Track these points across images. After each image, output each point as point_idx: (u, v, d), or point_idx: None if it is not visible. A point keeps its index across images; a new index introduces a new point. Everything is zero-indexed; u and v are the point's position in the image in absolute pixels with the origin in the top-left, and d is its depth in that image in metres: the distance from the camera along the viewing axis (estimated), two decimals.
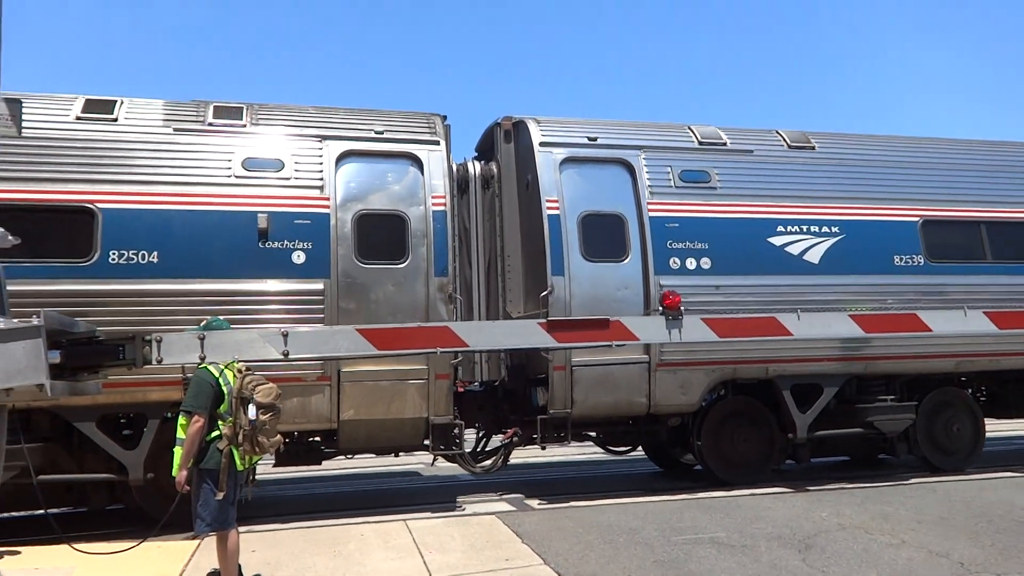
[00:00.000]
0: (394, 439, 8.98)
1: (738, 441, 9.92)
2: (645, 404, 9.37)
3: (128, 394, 7.75)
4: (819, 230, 10.05)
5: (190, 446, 5.39)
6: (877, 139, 11.36)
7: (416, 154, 9.17)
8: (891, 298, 9.93)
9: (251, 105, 9.14)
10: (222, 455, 5.45)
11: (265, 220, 8.37)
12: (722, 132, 10.53)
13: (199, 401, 5.44)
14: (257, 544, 7.10)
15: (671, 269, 9.46)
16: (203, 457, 5.48)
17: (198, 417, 5.41)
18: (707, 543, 6.81)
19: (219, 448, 5.46)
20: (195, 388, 5.49)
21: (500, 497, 9.60)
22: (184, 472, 5.41)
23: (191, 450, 5.41)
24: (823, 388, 9.84)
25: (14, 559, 6.56)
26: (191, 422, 5.40)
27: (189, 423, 5.41)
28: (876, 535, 6.97)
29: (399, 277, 8.79)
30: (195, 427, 5.40)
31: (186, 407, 5.44)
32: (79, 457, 8.10)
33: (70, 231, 7.95)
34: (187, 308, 7.83)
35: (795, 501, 8.61)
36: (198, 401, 5.44)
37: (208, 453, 5.48)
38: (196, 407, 5.42)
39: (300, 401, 8.30)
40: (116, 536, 7.25)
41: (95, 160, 8.18)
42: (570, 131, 9.97)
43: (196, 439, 5.41)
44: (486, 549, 6.82)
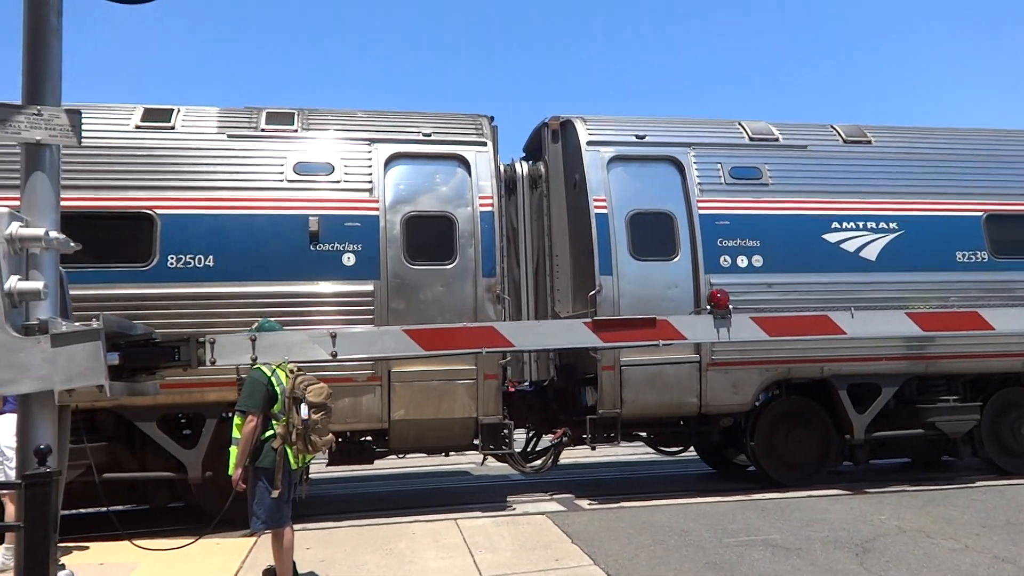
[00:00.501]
0: (444, 439, 9.04)
1: (793, 442, 9.72)
2: (696, 404, 9.25)
3: (186, 394, 7.97)
4: (876, 226, 9.78)
5: (245, 445, 5.52)
6: (937, 132, 11.00)
7: (464, 155, 9.22)
8: (954, 295, 9.62)
9: (302, 110, 9.32)
10: (276, 454, 5.55)
11: (316, 223, 8.52)
12: (774, 128, 10.33)
13: (253, 401, 5.55)
14: (312, 542, 7.24)
15: (721, 267, 9.33)
16: (258, 456, 5.60)
17: (252, 417, 5.53)
18: (760, 545, 6.69)
19: (273, 447, 5.56)
20: (249, 388, 5.60)
21: (550, 497, 9.58)
22: (239, 470, 5.54)
23: (246, 449, 5.53)
24: (881, 388, 9.57)
25: (80, 555, 6.81)
26: (245, 421, 5.53)
27: (244, 423, 5.55)
28: (938, 539, 6.76)
29: (447, 278, 8.85)
30: (249, 426, 5.52)
31: (240, 407, 5.57)
32: (141, 456, 8.37)
33: (130, 237, 8.22)
34: (242, 310, 8.00)
35: (853, 503, 8.40)
36: (252, 401, 5.55)
37: (263, 452, 5.60)
38: (250, 407, 5.54)
39: (351, 401, 8.42)
40: (177, 533, 7.44)
41: (154, 168, 8.44)
42: (618, 129, 9.90)
43: (251, 438, 5.53)
44: (536, 549, 6.81)
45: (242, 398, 5.59)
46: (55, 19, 3.77)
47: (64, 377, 3.71)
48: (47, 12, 3.73)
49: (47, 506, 3.40)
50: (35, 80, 3.76)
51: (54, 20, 3.76)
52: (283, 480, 5.58)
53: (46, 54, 3.76)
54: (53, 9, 3.75)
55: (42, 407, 3.77)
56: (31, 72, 3.76)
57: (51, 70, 3.79)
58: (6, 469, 6.62)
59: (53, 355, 3.70)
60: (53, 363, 3.69)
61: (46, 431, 3.77)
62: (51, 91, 3.80)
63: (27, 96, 3.78)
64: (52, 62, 3.79)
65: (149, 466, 8.34)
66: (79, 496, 7.73)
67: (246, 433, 5.51)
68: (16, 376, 3.63)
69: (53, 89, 3.81)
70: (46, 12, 3.73)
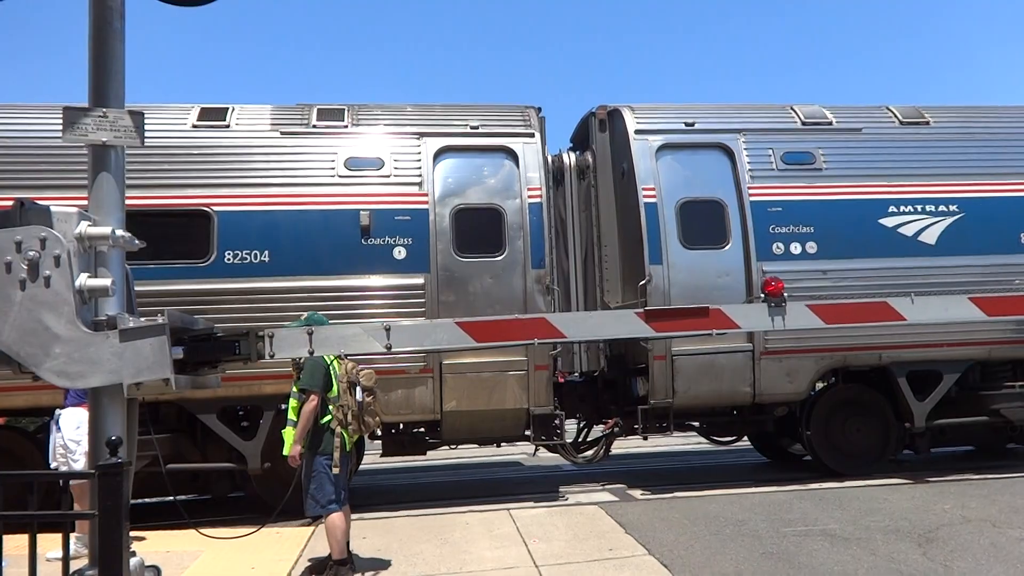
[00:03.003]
0: (495, 430, 9.10)
1: (850, 430, 9.55)
2: (749, 393, 9.13)
3: (245, 387, 8.17)
4: (936, 209, 9.51)
5: (305, 423, 5.78)
6: (997, 110, 10.62)
7: (511, 147, 9.22)
8: (1019, 278, 9.30)
9: (352, 106, 9.43)
10: (335, 436, 5.84)
11: (367, 217, 8.62)
12: (827, 111, 10.10)
13: (314, 381, 5.84)
14: (368, 531, 7.36)
15: (774, 255, 9.17)
16: (317, 442, 5.84)
17: (313, 396, 5.81)
18: (819, 535, 6.59)
19: (333, 430, 5.85)
20: (310, 368, 5.86)
21: (603, 487, 9.58)
22: (298, 448, 5.79)
23: (306, 426, 5.80)
24: (943, 375, 9.33)
25: (146, 542, 7.04)
26: (307, 400, 5.80)
27: (303, 402, 5.82)
28: (1004, 529, 6.57)
29: (497, 270, 8.88)
30: (310, 405, 5.79)
31: (302, 386, 5.84)
32: (202, 447, 8.61)
33: (189, 233, 8.44)
34: (296, 304, 8.15)
35: (914, 493, 8.21)
36: (313, 380, 5.84)
37: (323, 437, 5.86)
38: (312, 386, 5.83)
39: (404, 393, 8.53)
40: (238, 522, 7.65)
41: (210, 165, 8.64)
42: (666, 117, 9.80)
43: (311, 417, 5.80)
44: (590, 539, 6.83)
45: (304, 377, 5.86)
46: (118, 23, 3.87)
47: (132, 371, 3.82)
48: (111, 16, 3.83)
49: (120, 495, 3.51)
50: (100, 83, 3.87)
51: (117, 24, 3.86)
52: (341, 461, 5.87)
53: (110, 57, 3.86)
54: (116, 13, 3.86)
55: (112, 400, 3.89)
56: (96, 75, 3.87)
57: (115, 73, 3.89)
58: (69, 461, 6.86)
59: (121, 350, 3.81)
60: (121, 357, 3.80)
61: (116, 423, 3.89)
62: (115, 93, 3.91)
63: (93, 98, 3.89)
64: (115, 65, 3.89)
65: (210, 457, 8.58)
66: (145, 486, 8.00)
67: (307, 411, 5.78)
68: (87, 370, 3.75)
69: (117, 91, 3.92)
70: (110, 16, 3.83)
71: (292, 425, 5.89)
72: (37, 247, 3.60)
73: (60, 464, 6.94)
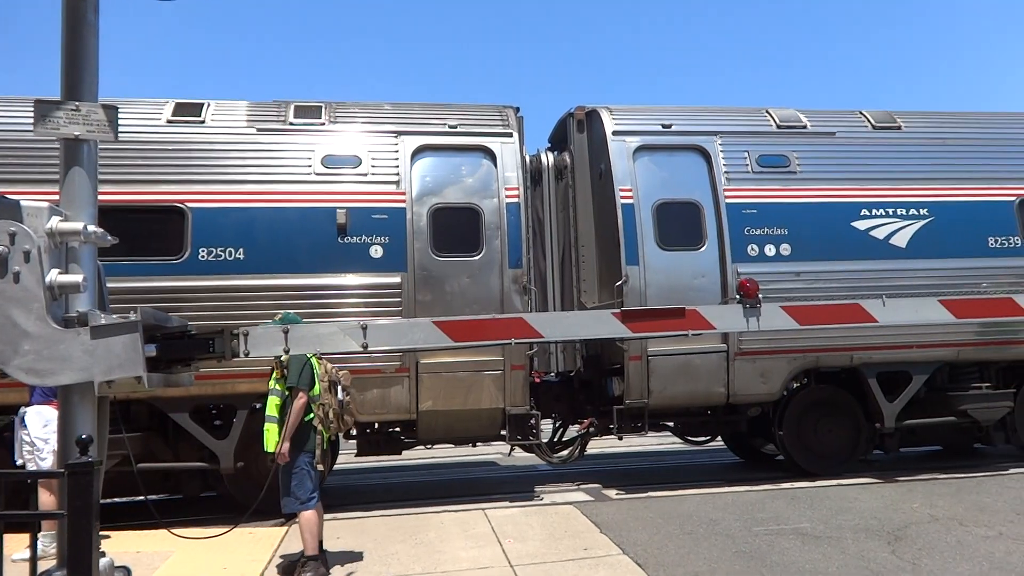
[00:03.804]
0: (471, 429, 9.09)
1: (822, 431, 9.66)
2: (724, 394, 9.21)
3: (218, 386, 8.08)
4: (906, 212, 9.65)
5: (296, 420, 5.85)
6: (968, 116, 10.81)
7: (489, 147, 9.22)
8: (986, 282, 9.47)
9: (329, 103, 9.37)
10: (316, 434, 5.97)
11: (344, 216, 8.57)
12: (802, 115, 10.22)
13: (304, 380, 5.92)
14: (342, 531, 7.32)
15: (749, 256, 9.26)
16: (299, 440, 5.91)
17: (302, 394, 5.89)
18: (791, 534, 6.67)
19: (315, 427, 5.96)
20: (298, 367, 5.94)
21: (578, 487, 9.61)
22: (287, 445, 5.83)
23: (296, 424, 5.86)
24: (912, 376, 9.48)
25: (116, 543, 6.94)
26: (296, 398, 5.87)
27: (287, 400, 5.90)
28: (971, 527, 6.69)
29: (474, 269, 8.87)
30: (300, 402, 5.87)
31: (291, 384, 5.90)
32: (174, 446, 8.50)
33: (162, 230, 8.33)
34: (271, 303, 8.09)
35: (884, 492, 8.34)
36: (303, 380, 5.92)
37: (306, 436, 5.95)
38: (301, 384, 5.91)
39: (380, 392, 8.49)
40: (209, 522, 7.57)
41: (185, 161, 8.54)
42: (643, 119, 9.85)
43: (300, 415, 5.87)
44: (565, 539, 6.84)
45: (292, 376, 5.91)
46: (92, 16, 3.82)
47: (104, 368, 3.78)
48: (85, 9, 3.78)
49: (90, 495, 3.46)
50: (73, 76, 3.82)
51: (91, 17, 3.81)
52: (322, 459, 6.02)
53: (84, 50, 3.81)
54: (91, 6, 3.81)
55: (82, 398, 3.84)
56: (69, 68, 3.81)
57: (88, 66, 3.84)
58: (37, 460, 6.76)
59: (93, 347, 3.76)
60: (93, 355, 3.75)
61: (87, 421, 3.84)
62: (88, 87, 3.85)
63: (65, 92, 3.83)
64: (89, 58, 3.84)
65: (182, 456, 8.48)
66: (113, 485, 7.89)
67: (297, 409, 5.86)
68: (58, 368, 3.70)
69: (90, 85, 3.86)
70: (84, 9, 3.77)
71: (273, 422, 5.92)
72: (6, 242, 3.55)
73: (27, 462, 6.83)
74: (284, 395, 5.95)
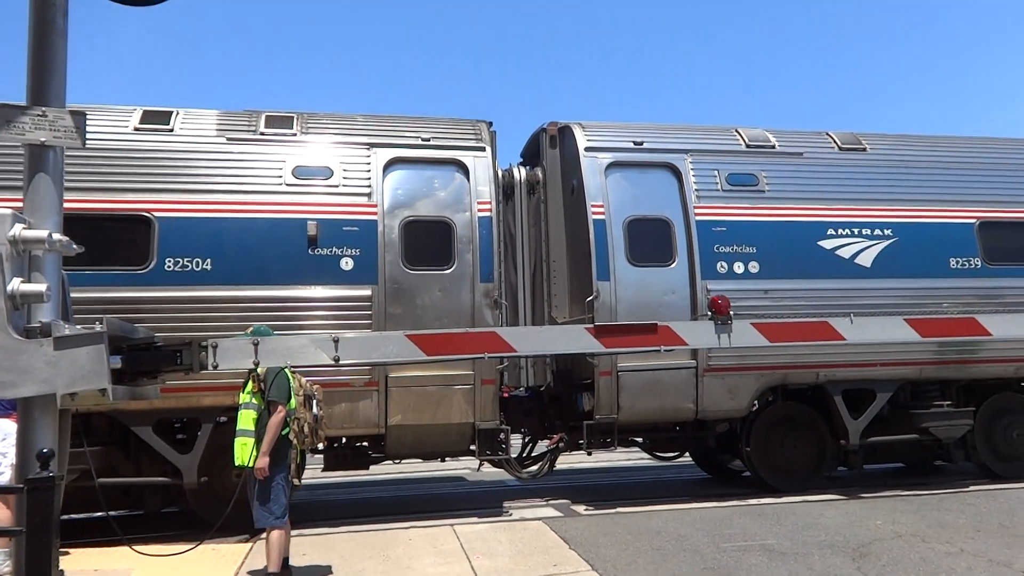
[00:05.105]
0: (440, 444, 9.02)
1: (788, 447, 9.75)
2: (692, 410, 9.27)
3: (183, 399, 7.93)
4: (871, 233, 9.84)
5: (274, 435, 5.76)
6: (931, 140, 11.08)
7: (462, 160, 9.22)
8: (947, 302, 9.68)
9: (301, 114, 9.31)
10: (291, 449, 5.90)
11: (315, 227, 8.50)
12: (770, 135, 10.39)
13: (282, 393, 5.85)
14: (308, 548, 7.21)
15: (718, 273, 9.36)
16: (275, 454, 5.82)
17: (282, 408, 5.82)
18: (758, 550, 6.70)
19: (291, 442, 5.88)
20: (278, 381, 5.88)
21: (547, 503, 9.57)
22: (266, 459, 5.73)
23: (274, 438, 5.77)
24: (876, 393, 9.63)
25: (76, 559, 6.76)
26: (275, 412, 5.80)
27: (263, 414, 5.84)
28: (933, 543, 6.79)
29: (445, 283, 8.84)
30: (279, 416, 5.80)
31: (272, 398, 5.83)
32: (136, 461, 8.31)
33: (127, 239, 8.19)
34: (239, 314, 7.98)
35: (848, 508, 8.43)
36: (281, 393, 5.85)
37: (281, 450, 5.86)
38: (280, 398, 5.84)
39: (348, 406, 8.40)
40: (172, 539, 7.40)
41: (152, 170, 8.40)
42: (615, 136, 9.93)
43: (279, 429, 5.79)
44: (534, 555, 6.81)
45: (272, 390, 5.84)
46: (61, 20, 3.75)
47: (67, 381, 3.69)
48: (54, 14, 3.71)
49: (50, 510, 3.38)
50: (40, 81, 3.74)
51: (60, 21, 3.75)
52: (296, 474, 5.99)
53: (51, 55, 3.74)
54: (59, 10, 3.74)
55: (44, 411, 3.74)
56: (36, 73, 3.74)
57: (56, 71, 3.77)
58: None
59: (56, 358, 3.68)
60: (56, 366, 3.67)
61: (47, 435, 3.74)
62: (55, 92, 3.78)
63: (32, 97, 3.76)
64: (57, 63, 3.77)
65: (144, 471, 8.29)
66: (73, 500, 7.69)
67: (276, 423, 5.78)
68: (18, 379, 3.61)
69: (57, 90, 3.79)
70: (53, 14, 3.71)
71: (249, 436, 5.83)
72: None
73: None
74: (260, 408, 5.86)
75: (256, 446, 5.78)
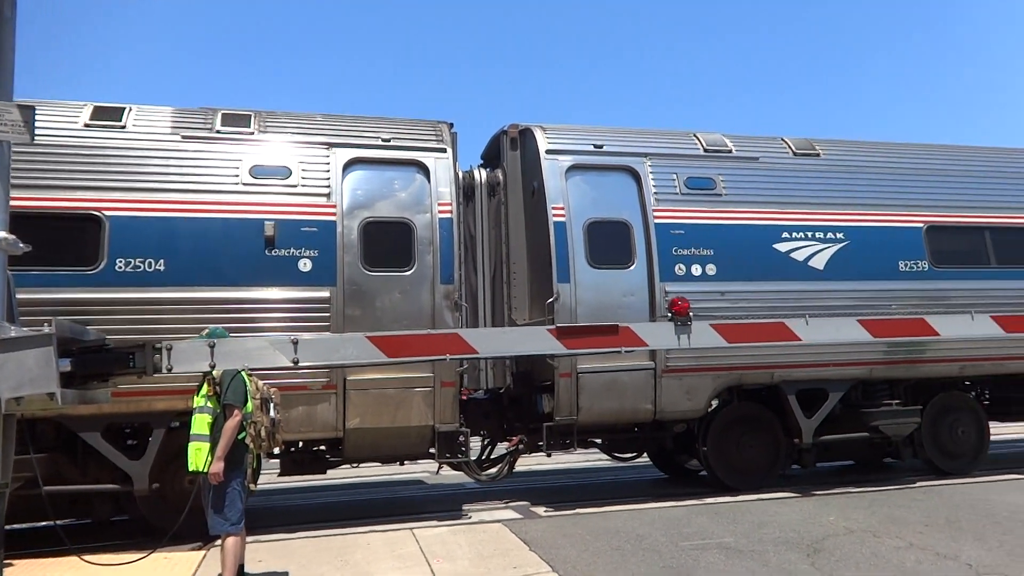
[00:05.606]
0: (399, 447, 8.95)
1: (744, 447, 9.90)
2: (651, 410, 9.35)
3: (133, 403, 7.72)
4: (824, 236, 10.05)
5: (229, 439, 5.63)
6: (881, 146, 11.37)
7: (423, 162, 9.17)
8: (896, 303, 9.94)
9: (259, 112, 9.16)
10: (248, 453, 5.79)
11: (272, 228, 8.36)
12: (727, 139, 10.54)
13: (238, 397, 5.71)
14: (264, 554, 7.09)
15: (676, 276, 9.46)
16: (232, 459, 5.70)
17: (238, 412, 5.68)
18: (715, 548, 6.79)
19: (247, 446, 5.76)
20: (234, 385, 5.73)
21: (506, 505, 9.56)
22: (220, 464, 5.60)
23: (230, 442, 5.64)
24: (828, 393, 9.83)
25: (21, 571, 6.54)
26: (231, 416, 5.65)
27: (217, 418, 5.70)
28: (884, 538, 6.96)
29: (405, 284, 8.77)
30: (235, 420, 5.67)
31: (228, 401, 5.68)
32: (84, 467, 8.06)
33: (76, 239, 7.95)
34: (193, 316, 7.81)
35: (802, 505, 8.59)
36: (237, 396, 5.71)
37: (238, 454, 5.73)
38: (236, 402, 5.70)
39: (306, 410, 8.28)
40: (121, 547, 7.22)
41: (103, 167, 8.18)
42: (576, 139, 9.98)
43: (235, 433, 5.66)
44: (494, 557, 6.79)
45: (228, 393, 5.69)
46: (8, 11, 3.63)
47: (13, 384, 3.57)
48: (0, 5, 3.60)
49: None
50: None
51: (7, 12, 3.62)
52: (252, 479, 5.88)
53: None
54: (7, 1, 3.62)
55: None
56: None
57: (4, 64, 3.65)
58: None
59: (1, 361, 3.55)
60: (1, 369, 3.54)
61: None
62: (3, 85, 3.66)
63: None
64: (5, 55, 3.64)
65: (92, 478, 8.04)
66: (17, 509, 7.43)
67: (232, 427, 5.64)
68: None
69: (5, 84, 3.67)
70: None
71: (204, 440, 5.70)
72: None
73: None
74: (216, 412, 5.73)
75: (211, 451, 5.66)
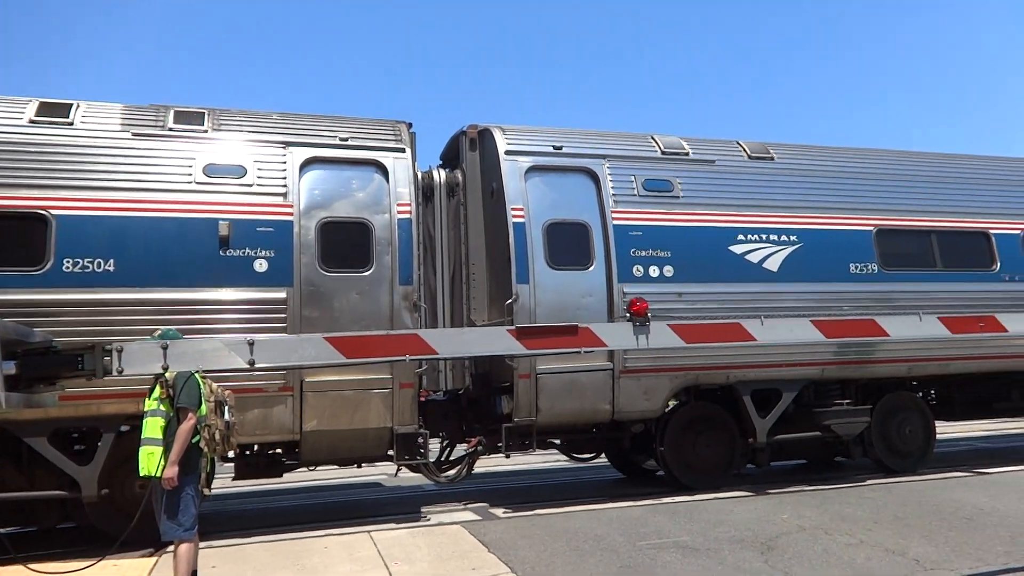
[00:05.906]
0: (357, 449, 8.86)
1: (700, 446, 10.02)
2: (609, 411, 9.41)
3: (82, 407, 7.51)
4: (778, 239, 10.24)
5: (183, 443, 5.50)
6: (833, 151, 11.64)
7: (381, 161, 9.10)
8: (847, 305, 10.16)
9: (213, 110, 8.99)
10: (201, 457, 5.65)
11: (226, 227, 8.21)
12: (684, 142, 10.67)
13: (192, 399, 5.59)
14: (218, 560, 6.96)
15: (634, 277, 9.54)
16: (186, 463, 5.56)
17: (192, 415, 5.57)
18: (672, 547, 6.87)
19: (201, 450, 5.62)
20: (188, 387, 5.60)
21: (465, 506, 9.54)
22: (175, 469, 5.47)
23: (184, 446, 5.51)
24: (782, 393, 10.01)
25: None
26: (185, 419, 5.54)
27: (171, 421, 5.56)
28: (835, 535, 7.11)
29: (363, 285, 8.70)
30: (189, 424, 5.55)
31: (182, 404, 5.55)
32: (29, 473, 7.82)
33: (22, 239, 7.72)
34: (145, 318, 7.62)
35: (756, 504, 8.74)
36: (191, 399, 5.58)
37: (191, 458, 5.59)
38: (191, 404, 5.58)
39: (261, 412, 8.15)
40: (69, 555, 7.01)
41: (49, 165, 7.94)
42: (535, 140, 10.00)
43: (189, 436, 5.54)
44: (452, 559, 6.77)
45: (182, 396, 5.57)
46: None
47: None
48: None
49: None
50: None
51: None
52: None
53: None
54: None
55: None
56: None
57: None
58: None
59: None
60: None
61: None
62: None
63: None
64: None
65: (38, 484, 7.80)
66: None
67: (186, 430, 5.52)
68: None
69: None
70: None
71: (156, 444, 5.54)
72: None
73: None
74: (169, 416, 5.59)
75: (164, 455, 5.52)
